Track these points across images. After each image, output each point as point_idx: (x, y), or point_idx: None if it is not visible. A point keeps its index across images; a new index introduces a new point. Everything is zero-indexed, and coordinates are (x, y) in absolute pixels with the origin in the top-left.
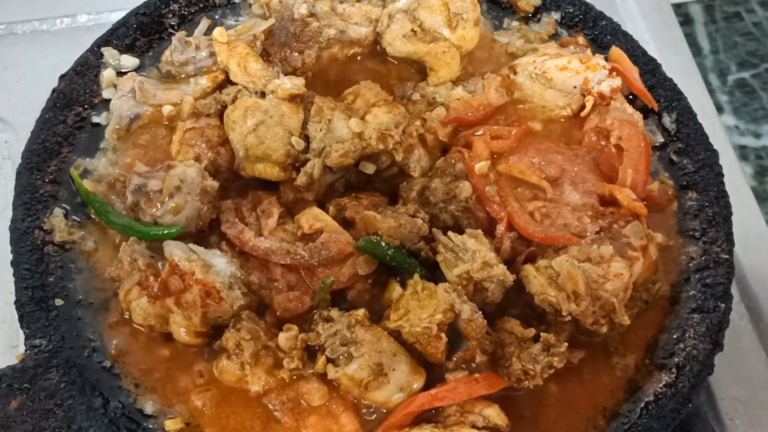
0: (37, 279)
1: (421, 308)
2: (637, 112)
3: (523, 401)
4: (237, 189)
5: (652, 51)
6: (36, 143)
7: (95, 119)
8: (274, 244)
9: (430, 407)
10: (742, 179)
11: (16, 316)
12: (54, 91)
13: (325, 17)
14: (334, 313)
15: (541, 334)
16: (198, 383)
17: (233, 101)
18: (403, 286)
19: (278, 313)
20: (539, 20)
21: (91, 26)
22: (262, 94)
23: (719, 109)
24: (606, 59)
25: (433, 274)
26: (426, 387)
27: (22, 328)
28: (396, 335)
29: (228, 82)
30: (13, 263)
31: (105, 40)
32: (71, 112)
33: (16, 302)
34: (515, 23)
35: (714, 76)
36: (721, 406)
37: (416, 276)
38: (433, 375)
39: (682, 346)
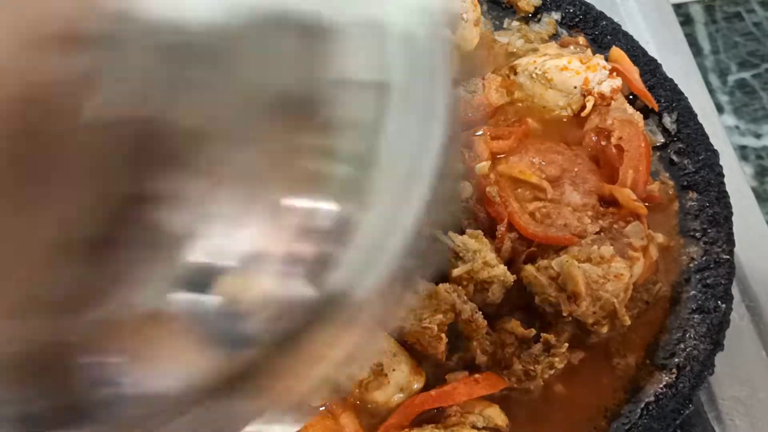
0: None
1: (421, 308)
2: (638, 112)
3: (523, 402)
4: None
5: (652, 51)
6: None
7: None
8: None
9: (430, 407)
10: (743, 179)
11: None
12: None
13: None
14: None
15: (542, 334)
16: None
17: None
18: None
19: None
20: (539, 20)
21: None
22: None
23: (719, 109)
24: (606, 59)
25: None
26: (426, 387)
27: None
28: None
29: None
30: None
31: None
32: None
33: None
34: (515, 23)
35: (714, 76)
36: (721, 406)
37: None
38: (433, 375)
39: (682, 346)
